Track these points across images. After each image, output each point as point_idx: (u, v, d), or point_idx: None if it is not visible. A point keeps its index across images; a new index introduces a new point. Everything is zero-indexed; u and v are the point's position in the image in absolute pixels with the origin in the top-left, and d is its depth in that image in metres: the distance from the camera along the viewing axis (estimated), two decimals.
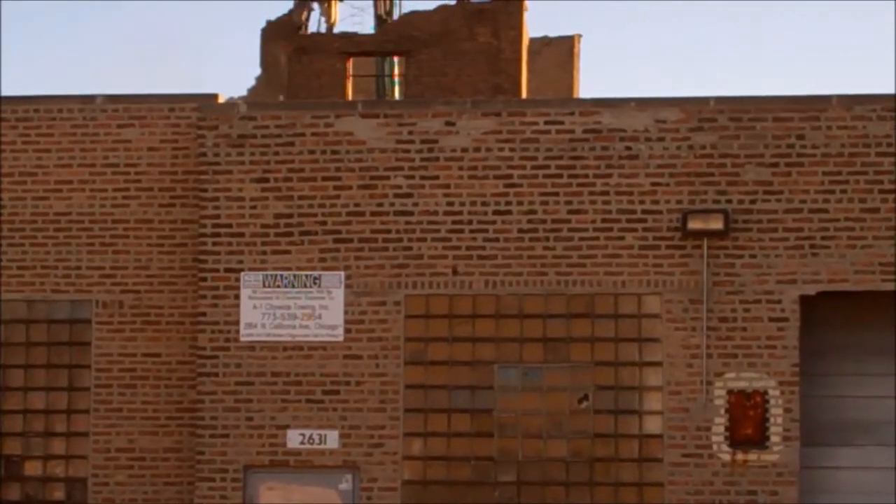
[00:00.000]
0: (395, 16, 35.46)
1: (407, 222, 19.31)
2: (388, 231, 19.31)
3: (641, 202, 19.01)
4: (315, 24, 31.70)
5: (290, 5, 31.58)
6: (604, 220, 19.05)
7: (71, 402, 20.02)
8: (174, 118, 20.10)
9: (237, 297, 19.37)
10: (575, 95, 31.90)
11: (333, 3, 32.10)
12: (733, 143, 18.98)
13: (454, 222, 19.26)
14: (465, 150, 19.32)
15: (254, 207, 19.47)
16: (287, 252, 19.38)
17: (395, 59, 32.47)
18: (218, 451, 19.25)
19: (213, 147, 19.59)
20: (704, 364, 18.73)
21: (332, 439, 19.16)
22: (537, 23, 31.76)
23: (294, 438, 19.22)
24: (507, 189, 19.22)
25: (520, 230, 19.17)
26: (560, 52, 32.74)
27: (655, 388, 18.88)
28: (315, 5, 31.52)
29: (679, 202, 18.96)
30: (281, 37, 30.00)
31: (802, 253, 18.78)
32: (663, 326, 18.89)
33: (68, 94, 20.53)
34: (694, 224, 18.76)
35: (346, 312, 19.24)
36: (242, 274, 19.40)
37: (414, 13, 32.42)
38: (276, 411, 19.23)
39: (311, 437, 19.18)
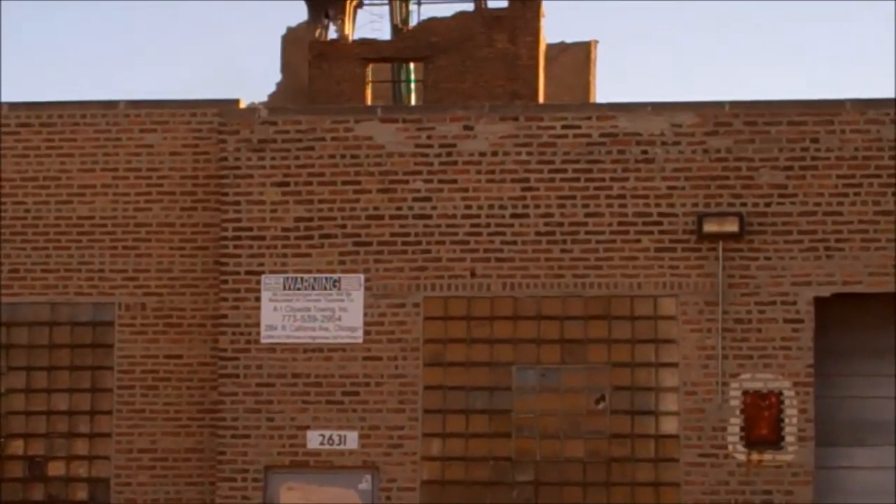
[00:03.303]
0: (413, 23, 35.57)
1: (425, 225, 19.34)
2: (407, 234, 19.34)
3: (657, 205, 19.03)
4: (332, 35, 31.81)
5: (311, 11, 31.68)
6: (620, 224, 19.07)
7: (94, 404, 20.07)
8: (196, 123, 20.15)
9: (258, 299, 19.42)
10: (591, 100, 31.95)
11: (347, 20, 32.22)
12: (748, 146, 19.00)
13: (472, 225, 19.29)
14: (483, 154, 19.36)
15: (274, 211, 19.52)
16: (307, 255, 19.42)
17: (412, 65, 32.54)
18: (239, 451, 19.29)
19: (235, 151, 19.65)
20: (720, 365, 18.73)
21: (352, 440, 19.18)
22: (554, 29, 31.82)
23: (314, 439, 19.25)
24: (524, 193, 19.26)
25: (537, 233, 19.19)
26: (577, 57, 32.82)
27: (671, 389, 18.89)
28: (328, 22, 31.65)
29: (695, 205, 18.98)
30: (300, 43, 30.10)
31: (817, 255, 18.78)
32: (679, 328, 18.90)
33: (91, 99, 20.61)
34: (709, 227, 18.77)
35: (365, 314, 19.27)
36: (263, 276, 19.45)
37: (432, 19, 32.52)
38: (296, 412, 19.26)
39: (330, 438, 19.21)
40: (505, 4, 31.59)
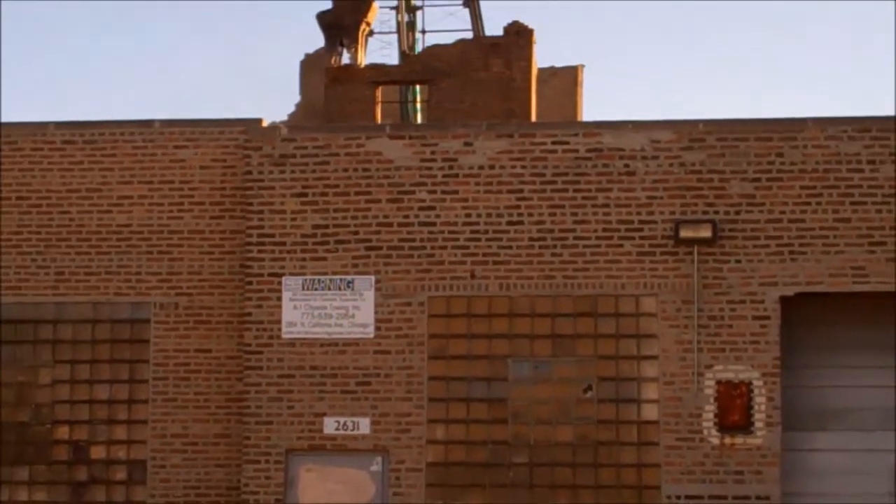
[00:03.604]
0: (418, 49, 35.56)
1: (430, 232, 19.33)
2: (413, 240, 19.33)
3: (638, 213, 19.01)
4: (345, 61, 31.79)
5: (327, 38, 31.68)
6: (605, 230, 19.04)
7: (132, 393, 20.05)
8: (223, 140, 20.14)
9: (279, 298, 19.40)
10: (578, 118, 31.91)
11: (359, 47, 32.22)
12: (720, 160, 18.97)
13: (472, 232, 19.27)
14: (481, 167, 19.35)
15: (294, 219, 19.51)
16: (324, 259, 19.42)
17: (418, 86, 32.51)
18: (262, 436, 19.28)
19: (258, 165, 19.65)
20: (695, 357, 18.71)
21: (364, 426, 19.16)
22: (545, 55, 31.78)
23: (330, 425, 19.22)
24: (518, 202, 19.24)
25: (530, 238, 19.18)
26: (565, 80, 32.77)
27: (652, 380, 18.85)
28: (343, 49, 31.65)
29: (672, 213, 18.96)
30: (318, 69, 30.09)
31: (782, 258, 18.76)
32: (658, 324, 18.87)
33: (129, 118, 20.61)
34: (685, 233, 18.75)
35: (376, 312, 19.25)
36: (284, 278, 19.43)
37: (436, 46, 32.51)
38: (313, 401, 19.24)
39: (345, 424, 19.19)
40: (500, 33, 31.59)
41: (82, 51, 72.26)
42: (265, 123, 20.15)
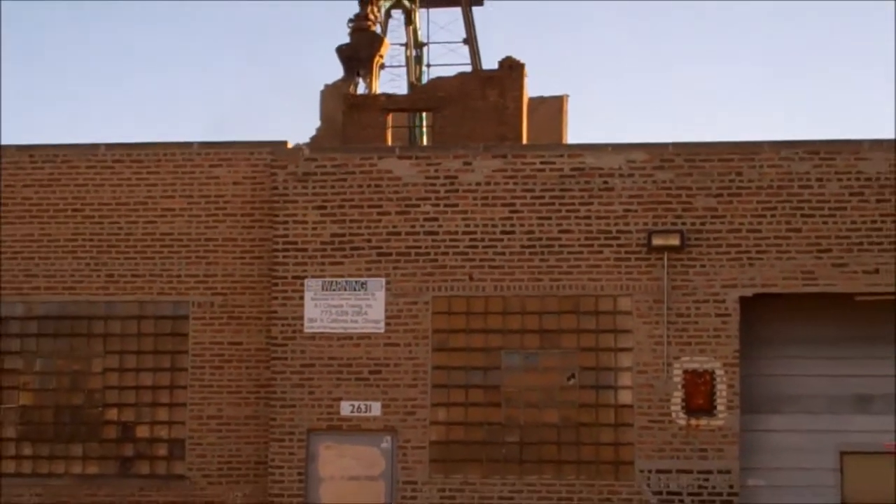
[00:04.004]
0: (424, 81, 35.56)
1: (433, 240, 19.31)
2: (419, 247, 19.31)
3: (616, 224, 18.99)
4: (361, 91, 31.76)
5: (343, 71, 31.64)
6: (586, 238, 19.02)
7: (173, 380, 20.05)
8: (253, 159, 20.14)
9: (301, 298, 19.37)
10: (563, 142, 31.82)
11: (374, 80, 32.19)
12: (687, 178, 18.96)
13: (470, 240, 19.25)
14: (478, 184, 19.33)
15: (314, 228, 19.50)
16: (341, 263, 19.40)
17: (424, 113, 32.44)
18: (287, 417, 19.26)
19: (283, 182, 19.64)
20: (665, 350, 18.68)
21: (376, 409, 19.13)
22: (534, 86, 31.71)
23: (346, 408, 19.20)
24: (511, 214, 19.22)
25: (521, 246, 19.15)
26: (552, 108, 32.63)
27: (627, 369, 18.82)
28: (359, 80, 31.62)
29: (645, 224, 18.93)
30: (336, 97, 30.01)
31: (741, 263, 18.74)
32: (633, 321, 18.84)
33: (170, 141, 20.58)
34: (657, 241, 18.73)
35: (386, 310, 19.22)
36: (306, 280, 19.41)
37: (439, 78, 32.42)
38: (331, 387, 19.22)
39: (359, 407, 19.17)
40: (495, 67, 31.55)
41: (125, 73, 72.21)
42: (290, 145, 20.13)
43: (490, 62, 34.68)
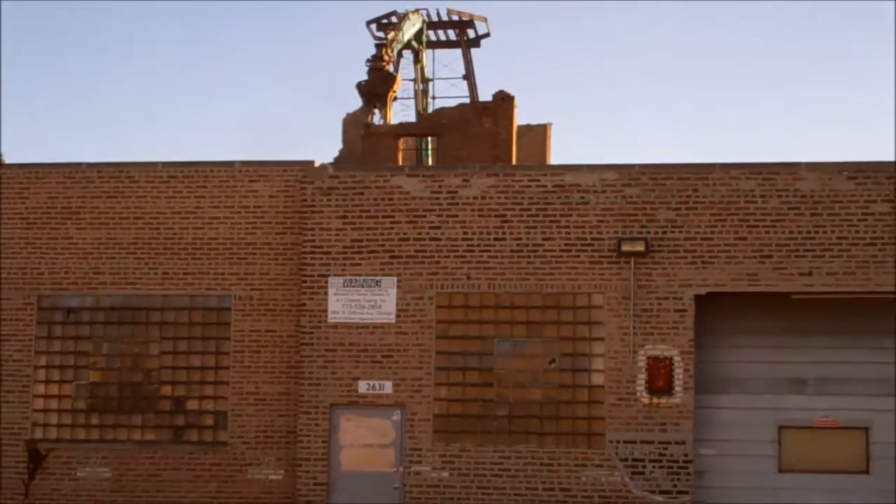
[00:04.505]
0: (429, 110, 35.56)
1: (437, 245, 19.32)
2: (425, 251, 19.32)
3: (590, 233, 19.00)
4: (377, 121, 31.81)
5: (361, 103, 31.68)
6: (566, 245, 19.04)
7: (217, 362, 20.04)
8: (286, 176, 20.13)
9: (326, 293, 19.37)
10: (547, 162, 31.85)
11: (388, 109, 32.22)
12: (651, 194, 18.98)
13: (468, 245, 19.26)
14: (475, 198, 19.35)
15: (337, 235, 19.50)
16: (359, 264, 19.41)
17: (429, 138, 32.44)
18: (313, 394, 19.27)
19: (311, 195, 19.67)
20: (631, 339, 18.68)
21: (388, 387, 19.12)
22: (523, 115, 31.74)
23: (363, 386, 19.18)
24: (502, 224, 19.24)
25: (511, 251, 19.16)
26: (538, 134, 32.65)
27: (599, 355, 18.83)
28: (375, 110, 31.65)
29: (615, 233, 18.94)
30: (356, 124, 30.03)
31: (696, 267, 18.74)
32: (604, 314, 18.84)
33: (217, 160, 20.58)
34: (625, 247, 18.74)
35: (397, 304, 19.21)
36: (329, 278, 19.41)
37: (442, 108, 32.45)
38: (351, 368, 19.22)
39: (374, 386, 19.17)
40: (490, 99, 31.57)
41: (172, 91, 72.21)
42: (317, 164, 20.15)
43: (485, 95, 34.69)
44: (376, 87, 31.52)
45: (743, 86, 70.34)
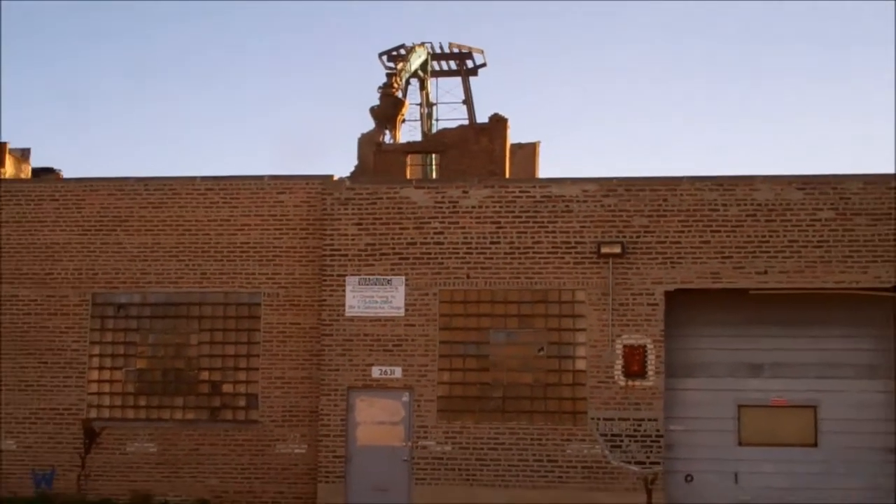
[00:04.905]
0: (433, 131, 35.63)
1: (440, 248, 19.33)
2: (430, 253, 19.34)
3: (574, 237, 19.02)
4: (387, 139, 31.89)
5: (373, 124, 31.77)
6: (553, 247, 19.06)
7: (249, 350, 20.03)
8: (308, 188, 20.14)
9: (343, 290, 19.38)
10: (536, 176, 31.92)
11: (397, 130, 32.28)
12: (626, 203, 19.00)
13: (467, 248, 19.28)
14: (474, 207, 19.37)
15: (353, 240, 19.53)
16: (372, 265, 19.43)
17: (433, 155, 32.54)
18: (332, 378, 19.29)
19: (331, 205, 19.70)
20: (610, 330, 18.69)
21: (398, 372, 19.13)
22: (515, 134, 31.86)
23: (376, 371, 19.19)
24: (497, 229, 19.25)
25: (505, 253, 19.18)
26: (528, 151, 32.73)
27: (582, 344, 18.84)
28: (386, 130, 31.74)
29: (595, 237, 18.96)
30: (369, 143, 30.11)
31: (666, 267, 18.76)
32: (586, 308, 18.85)
33: (249, 174, 20.61)
34: (605, 249, 18.76)
35: (405, 299, 19.20)
36: (346, 277, 19.41)
37: (444, 129, 32.56)
38: (365, 356, 19.24)
39: (385, 371, 19.18)
40: (486, 121, 31.63)
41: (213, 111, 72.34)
42: (335, 178, 20.18)
43: (482, 117, 34.80)
44: (387, 112, 31.63)
45: (708, 108, 70.48)
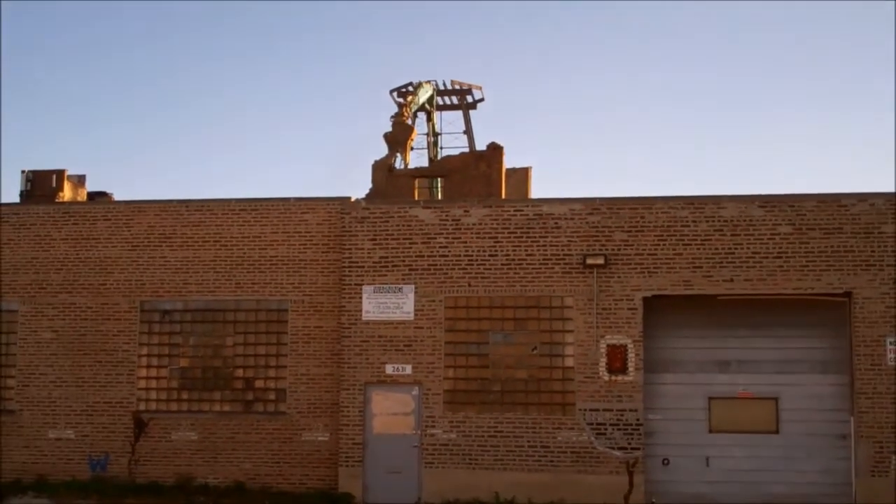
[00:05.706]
0: (439, 157, 35.84)
1: (445, 260, 19.42)
2: (436, 265, 19.42)
3: (563, 250, 19.09)
4: (398, 163, 32.08)
5: (386, 150, 31.94)
6: (544, 259, 19.13)
7: (278, 350, 20.13)
8: (329, 208, 20.25)
9: (360, 297, 19.44)
10: (529, 197, 32.07)
11: (406, 155, 32.44)
12: (609, 220, 19.09)
13: (468, 261, 19.37)
14: (474, 224, 19.46)
15: (369, 253, 19.59)
16: (385, 275, 19.50)
17: (439, 178, 32.71)
18: (351, 374, 19.33)
19: (349, 223, 19.81)
20: (595, 331, 18.77)
21: (409, 369, 19.19)
22: (510, 160, 32.05)
23: (389, 369, 19.24)
24: (495, 244, 19.35)
25: (502, 264, 19.27)
26: (521, 175, 32.85)
27: (571, 343, 18.90)
28: (397, 156, 31.89)
29: (582, 250, 19.05)
30: (382, 167, 30.27)
31: (645, 276, 18.83)
32: (574, 312, 18.92)
33: (276, 196, 20.72)
34: (590, 261, 18.83)
35: (415, 305, 19.29)
36: (363, 286, 19.48)
37: (448, 156, 32.72)
38: (380, 355, 19.30)
39: (397, 368, 19.23)
40: (485, 148, 31.82)
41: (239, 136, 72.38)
42: (353, 199, 20.28)
43: (481, 145, 35.01)
44: (398, 138, 31.81)
45: (683, 134, 70.47)
